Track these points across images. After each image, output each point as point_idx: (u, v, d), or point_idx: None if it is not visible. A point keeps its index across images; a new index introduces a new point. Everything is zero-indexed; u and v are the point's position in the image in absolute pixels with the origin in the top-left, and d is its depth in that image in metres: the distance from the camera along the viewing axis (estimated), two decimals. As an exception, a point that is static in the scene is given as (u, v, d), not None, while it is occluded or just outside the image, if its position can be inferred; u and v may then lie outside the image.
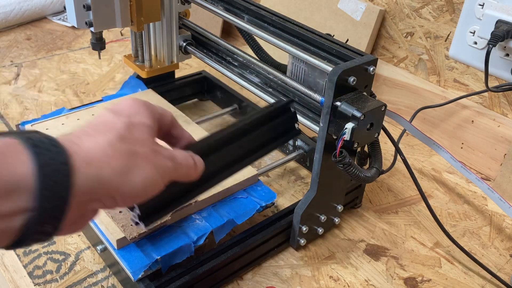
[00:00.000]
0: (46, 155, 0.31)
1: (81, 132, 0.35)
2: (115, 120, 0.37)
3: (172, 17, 0.75)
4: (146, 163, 0.36)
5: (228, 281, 0.57)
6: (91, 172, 0.33)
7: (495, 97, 0.76)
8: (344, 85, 0.52)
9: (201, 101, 0.92)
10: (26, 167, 0.29)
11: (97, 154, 0.34)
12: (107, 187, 0.34)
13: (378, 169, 0.57)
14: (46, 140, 0.32)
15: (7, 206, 0.29)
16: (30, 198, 0.29)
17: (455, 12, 0.78)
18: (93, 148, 0.34)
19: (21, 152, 0.30)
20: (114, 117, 0.37)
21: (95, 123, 0.37)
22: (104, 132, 0.35)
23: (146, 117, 0.39)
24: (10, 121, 0.82)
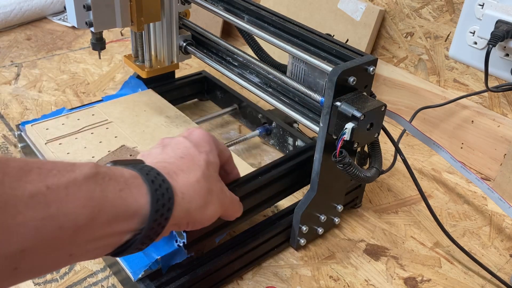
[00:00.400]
0: (159, 191, 0.38)
1: (177, 166, 0.42)
2: (199, 157, 0.44)
3: (172, 17, 0.75)
4: (216, 199, 0.45)
5: (228, 281, 0.57)
6: (183, 206, 0.40)
7: (495, 97, 0.76)
8: (344, 85, 0.52)
9: (201, 101, 0.92)
10: (145, 200, 0.37)
11: (189, 190, 0.41)
12: (189, 217, 0.42)
13: (378, 169, 0.57)
14: (157, 175, 0.39)
15: (125, 226, 0.36)
16: (140, 223, 0.36)
17: (455, 12, 0.78)
18: (186, 184, 0.41)
19: (142, 186, 0.37)
20: (197, 152, 0.45)
21: (184, 154, 0.44)
22: (193, 169, 0.43)
23: (216, 155, 0.47)
24: (10, 121, 0.82)
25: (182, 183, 0.41)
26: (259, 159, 0.77)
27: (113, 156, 0.65)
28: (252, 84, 0.68)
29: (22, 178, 0.30)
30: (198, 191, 0.42)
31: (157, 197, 0.37)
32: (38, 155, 0.67)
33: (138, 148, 0.67)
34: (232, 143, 0.75)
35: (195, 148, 0.45)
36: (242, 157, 0.76)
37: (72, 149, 0.66)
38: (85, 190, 0.33)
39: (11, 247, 0.29)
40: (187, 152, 0.44)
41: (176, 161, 0.43)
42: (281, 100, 0.64)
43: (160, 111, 0.76)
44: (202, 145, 0.46)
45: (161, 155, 0.44)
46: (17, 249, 0.29)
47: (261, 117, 0.80)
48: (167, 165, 0.42)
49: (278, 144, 0.78)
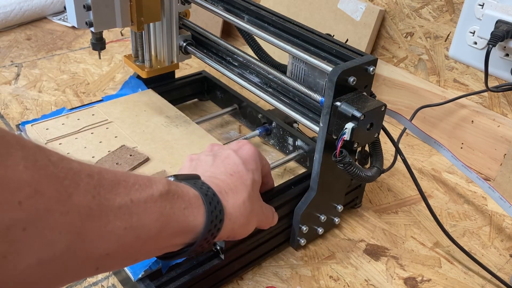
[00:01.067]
0: (214, 213, 0.41)
1: (227, 185, 0.45)
2: (246, 176, 0.48)
3: (172, 17, 0.75)
4: (255, 217, 0.48)
5: (228, 281, 0.57)
6: (229, 226, 0.44)
7: (495, 97, 0.76)
8: (344, 85, 0.52)
9: (201, 101, 0.92)
10: (201, 219, 0.40)
11: (236, 211, 0.45)
12: (232, 233, 0.45)
13: (379, 169, 0.57)
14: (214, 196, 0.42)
15: (181, 240, 0.40)
16: (193, 238, 0.40)
17: (455, 12, 0.78)
18: (234, 206, 0.45)
19: (201, 207, 0.41)
20: (245, 171, 0.48)
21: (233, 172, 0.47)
22: (240, 189, 0.46)
23: (260, 174, 0.50)
24: (10, 121, 0.82)
25: (231, 204, 0.44)
26: (259, 159, 0.77)
27: (113, 156, 0.65)
28: (252, 84, 0.68)
29: (113, 190, 0.34)
30: (243, 211, 0.45)
31: (211, 218, 0.41)
32: (38, 155, 0.67)
33: (138, 148, 0.67)
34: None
35: (244, 166, 0.48)
36: (242, 157, 0.76)
37: (72, 149, 0.66)
38: (159, 206, 0.37)
39: (99, 251, 0.33)
40: (236, 169, 0.48)
41: (226, 178, 0.46)
42: (281, 100, 0.65)
43: (160, 111, 0.76)
44: (250, 162, 0.49)
45: (212, 167, 0.48)
46: (103, 253, 0.33)
47: (261, 117, 0.80)
48: (219, 183, 0.45)
49: (278, 144, 0.78)
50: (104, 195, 0.33)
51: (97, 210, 0.32)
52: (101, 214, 0.32)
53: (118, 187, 0.34)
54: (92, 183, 0.32)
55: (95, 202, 0.32)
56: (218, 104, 0.90)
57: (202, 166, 0.48)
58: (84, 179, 0.32)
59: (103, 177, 0.33)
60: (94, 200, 0.32)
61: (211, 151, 0.52)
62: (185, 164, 0.51)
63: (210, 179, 0.45)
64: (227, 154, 0.49)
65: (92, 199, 0.32)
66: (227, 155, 0.49)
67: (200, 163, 0.49)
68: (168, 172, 0.63)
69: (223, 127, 0.85)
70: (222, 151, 0.50)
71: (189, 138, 0.71)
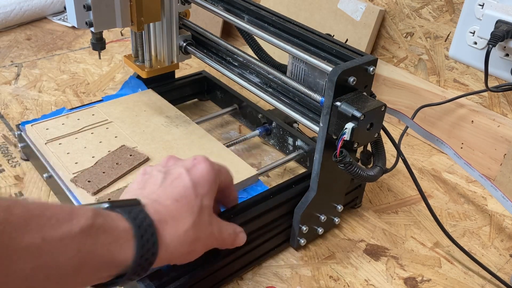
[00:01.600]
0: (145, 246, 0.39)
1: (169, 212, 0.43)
2: (194, 202, 0.44)
3: (172, 17, 0.75)
4: (202, 246, 0.46)
5: (228, 281, 0.57)
6: (165, 256, 0.42)
7: (495, 97, 0.76)
8: (344, 85, 0.52)
9: (201, 101, 0.92)
10: (130, 253, 0.38)
11: (174, 242, 0.42)
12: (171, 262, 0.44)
13: (381, 168, 0.57)
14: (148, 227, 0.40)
15: (105, 273, 0.38)
16: (122, 270, 0.39)
17: (455, 12, 0.78)
18: (173, 236, 0.42)
19: (131, 241, 0.38)
20: (194, 196, 0.45)
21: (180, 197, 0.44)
22: (185, 216, 0.43)
23: (212, 197, 0.47)
24: (10, 121, 0.82)
25: (170, 234, 0.42)
26: (259, 159, 0.77)
27: (113, 156, 0.65)
28: (252, 84, 0.68)
29: (22, 228, 0.32)
30: (183, 241, 0.43)
31: (142, 253, 0.39)
32: (38, 155, 0.67)
33: (138, 148, 0.67)
34: (232, 143, 0.75)
35: (193, 189, 0.45)
36: (242, 157, 0.76)
37: (72, 149, 0.66)
38: (77, 242, 0.34)
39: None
40: (184, 193, 0.44)
41: (170, 204, 0.43)
42: (281, 100, 0.65)
43: (160, 111, 0.76)
44: (201, 185, 0.46)
45: (160, 189, 0.45)
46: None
47: (261, 117, 0.80)
48: (161, 210, 0.42)
49: (278, 144, 0.78)
50: (9, 233, 0.31)
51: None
52: (2, 256, 0.30)
53: (30, 223, 0.32)
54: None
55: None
56: (218, 104, 0.90)
57: (151, 185, 0.46)
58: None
59: (11, 213, 0.31)
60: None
61: (165, 166, 0.49)
62: (137, 178, 0.49)
63: (153, 204, 0.42)
64: (178, 174, 0.46)
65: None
66: (178, 175, 0.46)
67: (150, 180, 0.46)
68: None
69: (223, 127, 0.85)
70: (175, 169, 0.47)
71: (189, 138, 0.71)
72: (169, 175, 0.46)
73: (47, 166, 0.65)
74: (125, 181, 0.62)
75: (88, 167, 0.63)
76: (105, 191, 0.60)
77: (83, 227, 0.35)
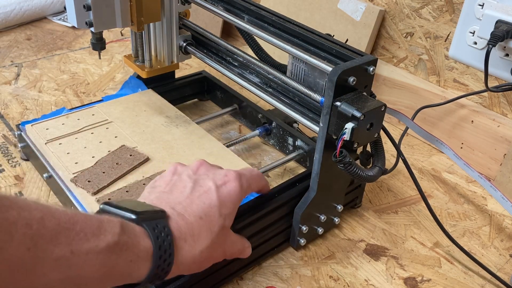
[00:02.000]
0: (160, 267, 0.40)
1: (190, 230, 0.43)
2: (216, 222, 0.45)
3: (172, 17, 0.75)
4: (212, 261, 0.47)
5: (228, 281, 0.57)
6: (175, 272, 0.43)
7: (495, 97, 0.76)
8: (344, 85, 0.52)
9: (201, 101, 0.92)
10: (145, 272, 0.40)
11: (188, 261, 0.43)
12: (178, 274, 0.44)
13: (381, 168, 0.57)
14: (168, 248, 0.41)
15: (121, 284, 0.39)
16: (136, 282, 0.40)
17: (455, 12, 0.78)
18: (187, 255, 0.43)
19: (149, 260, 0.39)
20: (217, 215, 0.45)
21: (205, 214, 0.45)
22: (203, 236, 0.44)
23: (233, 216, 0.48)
24: (10, 121, 0.82)
25: (185, 252, 0.43)
26: (259, 159, 0.77)
27: (113, 156, 0.65)
28: (252, 84, 0.68)
29: (53, 240, 0.33)
30: (197, 260, 0.44)
31: (155, 271, 0.40)
32: (38, 155, 0.67)
33: (138, 148, 0.67)
34: (232, 143, 0.75)
35: (218, 209, 0.46)
36: (242, 157, 0.76)
37: (72, 149, 0.66)
38: (102, 257, 0.36)
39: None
40: (208, 212, 0.45)
41: (194, 221, 0.44)
42: (281, 100, 0.65)
43: (160, 111, 0.76)
44: (227, 205, 0.47)
45: (186, 200, 0.45)
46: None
47: (261, 117, 0.80)
48: (183, 226, 0.43)
49: (278, 144, 0.78)
50: (41, 246, 0.32)
51: (31, 263, 0.31)
52: (36, 267, 0.31)
53: (60, 236, 0.33)
54: (29, 233, 0.31)
55: (30, 254, 0.31)
56: (218, 104, 0.90)
57: (178, 192, 0.46)
58: (20, 229, 0.31)
59: (44, 226, 0.32)
60: (29, 253, 0.31)
61: (196, 172, 0.49)
62: (166, 175, 0.49)
63: (177, 219, 0.43)
64: (207, 188, 0.46)
65: (26, 252, 0.31)
66: (208, 190, 0.46)
67: (179, 185, 0.47)
68: None
69: (223, 127, 0.85)
70: (205, 181, 0.47)
71: (189, 138, 0.71)
72: (198, 186, 0.47)
73: (47, 166, 0.65)
74: (125, 181, 0.62)
75: (88, 167, 0.63)
76: (105, 191, 0.60)
77: (109, 244, 0.36)
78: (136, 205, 0.43)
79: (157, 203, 0.45)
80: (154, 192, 0.47)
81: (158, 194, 0.47)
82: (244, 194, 0.49)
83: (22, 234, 0.31)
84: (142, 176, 0.63)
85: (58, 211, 0.34)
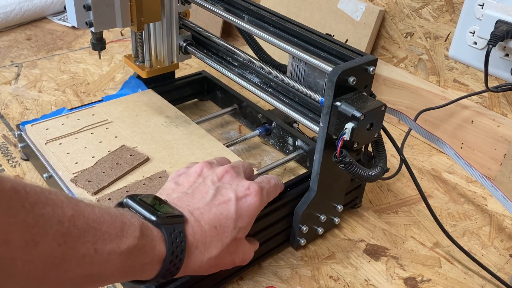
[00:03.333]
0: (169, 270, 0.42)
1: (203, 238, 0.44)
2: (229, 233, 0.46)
3: (172, 17, 0.75)
4: (218, 269, 0.48)
5: (228, 281, 0.57)
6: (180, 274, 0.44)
7: (495, 97, 0.76)
8: (344, 85, 0.52)
9: (201, 101, 0.92)
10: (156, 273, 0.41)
11: (195, 266, 0.44)
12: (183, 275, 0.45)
13: (382, 168, 0.57)
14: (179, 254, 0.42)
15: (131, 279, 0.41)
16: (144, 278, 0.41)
17: (455, 12, 0.78)
18: (195, 261, 0.44)
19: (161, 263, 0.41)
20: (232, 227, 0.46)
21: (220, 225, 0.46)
22: (214, 246, 0.45)
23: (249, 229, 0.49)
24: (10, 121, 0.82)
25: (194, 258, 0.44)
26: (259, 159, 0.77)
27: (113, 156, 0.65)
28: (252, 84, 0.68)
29: (81, 238, 0.34)
30: (203, 266, 0.45)
31: (164, 273, 0.42)
32: (38, 155, 0.67)
33: (138, 148, 0.67)
34: (232, 143, 0.75)
35: (234, 221, 0.47)
36: (242, 157, 0.76)
37: (72, 149, 0.66)
38: (122, 258, 0.37)
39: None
40: (224, 223, 0.46)
41: (208, 230, 0.45)
42: (281, 100, 0.65)
43: (160, 111, 0.76)
44: (244, 219, 0.47)
45: (205, 207, 0.46)
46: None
47: (261, 117, 0.80)
48: (197, 233, 0.44)
49: (278, 144, 0.78)
50: (70, 243, 0.33)
51: (61, 259, 0.33)
52: (64, 263, 0.33)
53: (87, 235, 0.35)
54: (61, 230, 0.33)
55: (60, 250, 0.32)
56: (218, 104, 0.90)
57: (199, 197, 0.47)
58: (53, 226, 0.32)
59: (74, 224, 0.34)
60: (60, 249, 0.32)
61: (220, 179, 0.49)
62: (192, 173, 0.50)
63: (194, 224, 0.44)
64: (228, 199, 0.47)
65: (57, 248, 0.32)
66: (228, 200, 0.47)
67: (201, 189, 0.48)
68: (169, 172, 0.63)
69: (223, 127, 0.85)
70: (227, 192, 0.48)
71: (189, 138, 0.71)
72: (219, 194, 0.48)
73: (47, 166, 0.65)
74: (125, 181, 0.62)
75: (88, 167, 0.63)
76: (105, 191, 0.60)
77: (130, 247, 0.38)
78: (158, 204, 0.44)
79: (178, 203, 0.46)
80: (176, 191, 0.48)
81: (181, 195, 0.48)
82: (262, 206, 0.50)
83: (55, 231, 0.32)
84: (142, 176, 0.63)
85: (87, 209, 0.36)
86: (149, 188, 0.60)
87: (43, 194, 0.32)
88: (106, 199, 0.59)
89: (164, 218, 0.42)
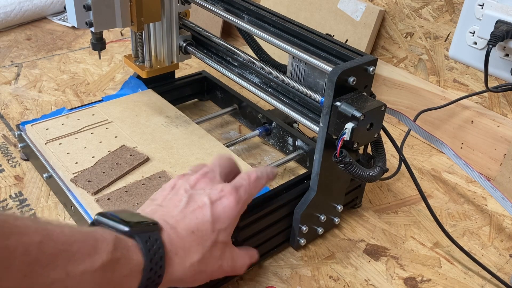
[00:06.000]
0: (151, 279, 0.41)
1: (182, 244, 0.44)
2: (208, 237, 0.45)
3: (172, 17, 0.75)
4: (207, 277, 0.47)
5: (228, 281, 0.57)
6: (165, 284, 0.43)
7: (495, 97, 0.76)
8: (344, 85, 0.52)
9: (201, 101, 0.92)
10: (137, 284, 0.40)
11: (178, 273, 0.43)
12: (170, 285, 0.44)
13: (382, 168, 0.57)
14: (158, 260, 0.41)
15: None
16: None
17: (455, 12, 0.78)
18: (178, 268, 0.43)
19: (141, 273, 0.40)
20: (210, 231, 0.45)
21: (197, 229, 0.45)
22: (195, 250, 0.44)
23: (231, 231, 0.48)
24: (10, 121, 0.82)
25: (176, 265, 0.43)
26: (259, 159, 0.77)
27: (113, 156, 0.65)
28: (252, 84, 0.68)
29: (50, 264, 0.33)
30: (187, 273, 0.44)
31: (146, 283, 0.41)
32: (38, 155, 0.67)
33: (138, 148, 0.67)
34: (232, 143, 0.75)
35: (211, 224, 0.46)
36: (242, 157, 0.76)
37: (72, 149, 0.66)
38: (97, 276, 0.36)
39: None
40: (201, 226, 0.45)
41: (186, 235, 0.44)
42: (281, 100, 0.65)
43: (160, 111, 0.76)
44: (222, 220, 0.47)
45: (180, 214, 0.45)
46: None
47: (261, 117, 0.80)
48: (175, 239, 0.43)
49: (278, 144, 0.78)
50: (37, 272, 0.32)
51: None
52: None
53: (57, 259, 0.33)
54: (27, 260, 0.31)
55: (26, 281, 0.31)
56: (218, 104, 0.90)
57: (172, 207, 0.47)
58: (18, 257, 0.31)
59: (42, 251, 0.33)
60: (25, 279, 0.31)
61: (193, 187, 0.49)
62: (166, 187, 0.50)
63: (170, 232, 0.44)
64: (202, 204, 0.46)
65: (23, 278, 0.31)
66: (202, 205, 0.46)
67: (174, 199, 0.47)
68: (168, 172, 0.63)
69: (223, 127, 0.85)
70: (200, 197, 0.47)
71: (189, 138, 0.71)
72: (192, 201, 0.47)
73: (47, 166, 0.65)
74: (125, 181, 0.62)
75: (88, 167, 0.63)
76: (105, 191, 0.60)
77: (104, 262, 0.37)
78: (130, 216, 0.43)
79: (152, 215, 0.46)
80: (151, 205, 0.48)
81: (154, 207, 0.47)
82: (243, 205, 0.49)
83: (20, 262, 0.31)
84: (142, 176, 0.63)
85: (56, 231, 0.34)
86: (149, 188, 0.60)
87: (7, 223, 0.31)
88: (106, 199, 0.59)
89: (137, 227, 0.41)
